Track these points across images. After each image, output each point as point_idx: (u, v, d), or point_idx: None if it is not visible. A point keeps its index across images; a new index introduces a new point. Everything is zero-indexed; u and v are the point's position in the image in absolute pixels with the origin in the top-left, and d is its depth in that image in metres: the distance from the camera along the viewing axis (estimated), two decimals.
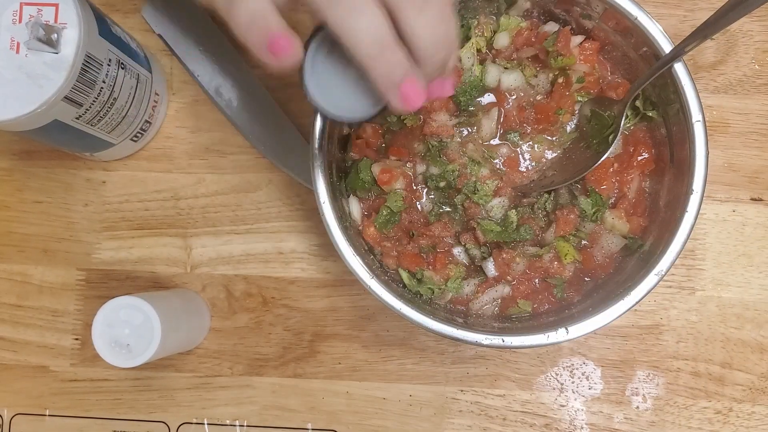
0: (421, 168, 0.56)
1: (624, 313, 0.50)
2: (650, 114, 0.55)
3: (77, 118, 0.54)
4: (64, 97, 0.51)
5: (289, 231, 0.65)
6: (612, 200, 0.56)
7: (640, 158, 0.55)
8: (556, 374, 0.62)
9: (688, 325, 0.62)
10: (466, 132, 0.57)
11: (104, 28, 0.54)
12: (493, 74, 0.56)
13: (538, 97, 0.57)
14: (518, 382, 0.62)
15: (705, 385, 0.61)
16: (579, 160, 0.55)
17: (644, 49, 0.52)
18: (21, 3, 0.50)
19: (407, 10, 0.36)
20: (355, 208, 0.56)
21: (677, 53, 0.48)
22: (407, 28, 0.37)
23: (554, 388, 0.62)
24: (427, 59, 0.38)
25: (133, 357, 0.54)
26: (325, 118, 0.50)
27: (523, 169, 0.57)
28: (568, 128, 0.57)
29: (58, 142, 0.59)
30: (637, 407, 0.62)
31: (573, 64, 0.55)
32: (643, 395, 0.62)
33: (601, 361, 0.62)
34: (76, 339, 0.65)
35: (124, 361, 0.54)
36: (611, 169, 0.55)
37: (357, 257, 0.51)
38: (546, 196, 0.56)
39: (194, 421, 0.64)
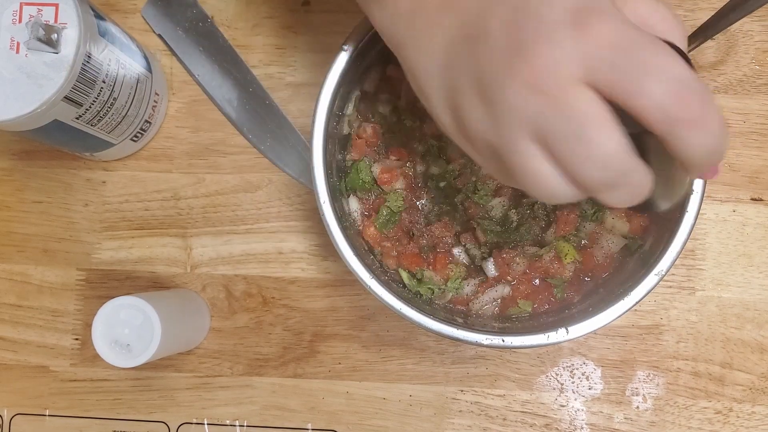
0: (421, 168, 0.56)
1: (624, 313, 0.49)
2: None
3: (77, 118, 0.54)
4: (64, 97, 0.51)
5: (289, 231, 0.64)
6: None
7: None
8: (556, 374, 0.62)
9: (688, 325, 0.62)
10: None
11: (104, 28, 0.54)
12: None
13: None
14: (518, 382, 0.62)
15: (705, 385, 0.61)
16: None
17: None
18: (21, 3, 0.50)
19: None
20: (355, 208, 0.56)
21: None
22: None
23: (554, 388, 0.62)
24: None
25: (133, 357, 0.54)
26: None
27: None
28: None
29: (58, 142, 0.59)
30: (637, 407, 0.62)
31: None
32: (643, 395, 0.62)
33: (601, 361, 0.62)
34: (76, 339, 0.65)
35: (124, 361, 0.54)
36: None
37: (357, 257, 0.51)
38: None
39: (194, 421, 0.64)
